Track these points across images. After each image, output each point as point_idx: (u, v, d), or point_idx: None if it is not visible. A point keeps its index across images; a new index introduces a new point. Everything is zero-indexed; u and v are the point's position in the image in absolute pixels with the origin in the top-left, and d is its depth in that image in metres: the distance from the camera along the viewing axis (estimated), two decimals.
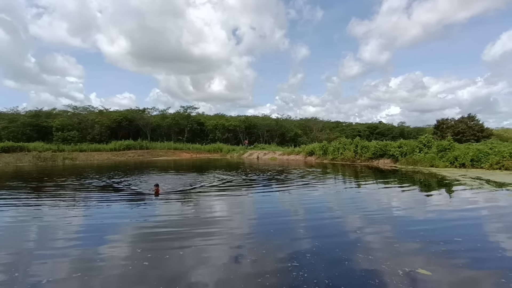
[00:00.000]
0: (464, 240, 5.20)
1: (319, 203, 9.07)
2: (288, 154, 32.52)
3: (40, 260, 4.54)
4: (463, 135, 40.42)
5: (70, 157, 31.95)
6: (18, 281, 3.76)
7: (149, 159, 34.63)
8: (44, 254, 4.78)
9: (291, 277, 3.80)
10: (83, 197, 10.02)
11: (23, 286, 3.62)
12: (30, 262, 4.43)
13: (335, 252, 4.71)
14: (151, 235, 5.82)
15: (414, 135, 55.72)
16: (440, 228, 6.10)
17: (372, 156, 23.92)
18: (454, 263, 4.23)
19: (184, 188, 11.32)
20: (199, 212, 7.73)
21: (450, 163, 18.91)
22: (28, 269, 4.15)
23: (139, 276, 3.86)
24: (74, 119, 44.10)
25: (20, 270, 4.10)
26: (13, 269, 4.12)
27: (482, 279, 3.80)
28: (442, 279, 3.76)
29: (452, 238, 5.28)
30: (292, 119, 62.01)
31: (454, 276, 3.86)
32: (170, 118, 50.32)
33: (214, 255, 4.67)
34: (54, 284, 3.69)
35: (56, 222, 6.87)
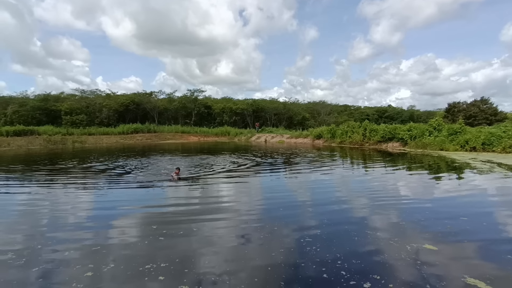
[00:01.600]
0: (469, 219, 5.26)
1: (327, 185, 9.14)
2: (296, 138, 32.46)
3: (58, 237, 4.73)
4: (475, 119, 39.61)
5: (79, 141, 32.44)
6: (36, 253, 3.95)
7: (157, 143, 34.95)
8: (62, 231, 4.99)
9: (304, 251, 3.90)
10: (97, 179, 10.23)
11: (47, 256, 3.80)
12: (47, 242, 4.60)
13: (344, 230, 4.79)
14: (166, 215, 5.97)
15: (424, 119, 54.86)
16: (446, 208, 6.15)
17: (381, 140, 23.72)
18: (459, 240, 4.32)
19: (198, 173, 11.47)
20: (211, 194, 7.86)
21: (461, 147, 18.66)
22: (45, 249, 4.34)
23: (156, 249, 4.01)
24: (82, 102, 44.49)
25: (36, 250, 4.30)
26: (29, 249, 4.30)
27: (485, 255, 3.86)
28: (447, 254, 3.86)
29: (458, 217, 5.35)
30: (300, 103, 61.55)
31: (458, 251, 3.96)
32: (177, 101, 50.37)
33: (229, 231, 4.80)
34: (73, 258, 3.85)
35: (72, 202, 7.10)
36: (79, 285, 3.08)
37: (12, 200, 7.37)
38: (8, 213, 6.08)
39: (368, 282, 3.08)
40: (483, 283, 3.04)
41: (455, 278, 3.18)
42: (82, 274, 3.31)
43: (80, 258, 3.77)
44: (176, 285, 3.06)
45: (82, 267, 3.47)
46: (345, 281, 3.09)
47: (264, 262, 3.61)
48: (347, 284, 3.03)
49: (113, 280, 3.24)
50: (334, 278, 3.16)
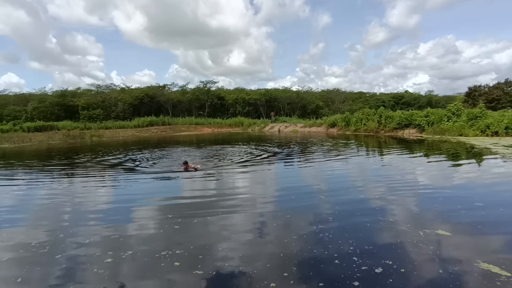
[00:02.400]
0: (485, 205, 5.15)
1: (341, 174, 9.10)
2: (310, 126, 32.20)
3: (78, 227, 4.97)
4: (498, 102, 38.10)
5: (97, 135, 33.26)
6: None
7: (171, 135, 35.45)
8: (82, 221, 5.24)
9: (316, 238, 3.95)
10: (115, 172, 10.53)
11: (69, 245, 4.01)
12: (68, 232, 4.83)
13: (356, 216, 4.81)
14: (182, 205, 6.12)
15: (443, 104, 53.21)
16: (462, 195, 6.06)
17: (397, 126, 23.25)
18: (473, 226, 4.25)
19: (212, 164, 11.62)
20: (226, 185, 7.98)
21: (481, 132, 18.08)
22: (66, 238, 4.56)
23: (171, 237, 4.16)
24: (98, 97, 45.49)
25: (58, 239, 4.53)
26: (52, 238, 4.54)
27: (500, 241, 3.81)
28: (461, 239, 3.83)
29: (473, 204, 5.25)
30: (313, 91, 60.70)
31: (472, 237, 3.91)
32: (190, 93, 50.71)
33: (242, 219, 4.90)
34: (93, 246, 4.04)
35: (91, 194, 7.41)
36: (100, 270, 3.23)
37: (34, 194, 7.71)
38: (31, 206, 6.37)
39: (380, 267, 3.09)
40: (497, 268, 3.00)
41: (469, 263, 3.15)
42: (102, 260, 3.47)
43: (100, 246, 3.94)
44: (191, 271, 3.16)
45: (102, 254, 3.63)
46: (356, 267, 3.11)
47: (276, 249, 3.67)
48: (358, 269, 3.05)
49: (131, 265, 3.38)
50: (345, 264, 3.19)
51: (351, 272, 3.00)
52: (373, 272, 3.00)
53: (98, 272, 3.21)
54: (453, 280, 2.82)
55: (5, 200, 6.90)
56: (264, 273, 3.10)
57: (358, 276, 2.92)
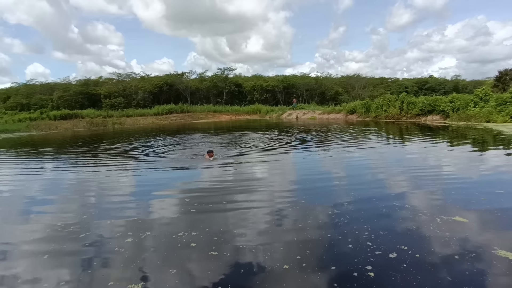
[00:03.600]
0: (506, 192, 5.01)
1: (360, 161, 8.98)
2: (328, 113, 31.69)
3: (101, 210, 5.24)
4: None
5: (118, 122, 34.22)
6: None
7: (190, 122, 35.93)
8: (105, 205, 5.53)
9: (332, 223, 3.96)
10: (136, 159, 10.86)
11: (92, 226, 4.22)
12: (91, 214, 5.11)
13: (373, 202, 4.77)
14: (198, 191, 6.27)
15: (470, 89, 50.73)
16: (484, 181, 5.94)
17: (420, 113, 22.45)
18: (491, 213, 4.14)
19: (230, 151, 11.74)
20: (244, 171, 8.08)
21: (511, 118, 17.17)
22: (90, 219, 4.83)
23: (188, 220, 4.30)
24: (119, 86, 46.54)
25: (82, 220, 4.80)
26: (76, 219, 4.78)
27: None
28: (478, 226, 3.78)
29: (494, 191, 5.12)
30: (332, 77, 59.37)
31: (490, 224, 3.83)
32: (208, 81, 50.87)
33: (258, 205, 5.00)
34: (114, 227, 4.23)
35: (113, 180, 7.76)
36: (121, 249, 3.40)
37: (62, 178, 8.10)
38: (59, 190, 6.72)
39: (395, 252, 3.07)
40: None
41: (485, 250, 3.08)
42: (123, 240, 3.64)
43: (121, 227, 4.12)
44: (206, 251, 3.27)
45: (123, 235, 3.80)
46: (370, 251, 3.11)
47: (291, 233, 3.71)
48: (372, 254, 3.05)
49: (150, 245, 3.53)
50: (359, 249, 3.19)
51: (364, 257, 3.00)
52: (387, 257, 2.98)
53: (119, 251, 3.37)
54: (469, 267, 2.77)
55: (33, 184, 7.31)
56: (277, 255, 3.15)
57: (371, 260, 2.92)
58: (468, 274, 2.67)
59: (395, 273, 2.69)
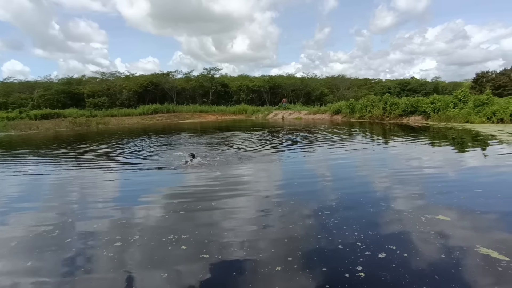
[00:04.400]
0: (484, 191, 5.23)
1: (345, 161, 9.12)
2: (314, 114, 32.04)
3: (86, 213, 5.09)
4: (504, 89, 37.53)
5: (102, 122, 33.46)
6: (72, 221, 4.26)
7: (176, 122, 35.54)
8: (90, 208, 5.37)
9: (321, 224, 4.01)
10: (122, 160, 10.64)
11: (78, 229, 4.13)
12: (77, 217, 4.97)
13: (360, 202, 4.86)
14: (187, 193, 6.22)
15: (450, 90, 52.40)
16: (463, 180, 6.18)
17: (402, 113, 23.05)
18: (472, 211, 4.32)
19: (217, 152, 11.67)
20: (230, 172, 8.04)
21: (487, 119, 17.89)
22: (75, 223, 4.70)
23: (177, 222, 4.26)
24: (103, 85, 45.60)
25: (67, 224, 4.66)
26: (61, 223, 4.66)
27: (498, 226, 3.86)
28: (460, 224, 3.92)
29: (473, 189, 5.34)
30: (318, 78, 60.11)
31: (471, 222, 3.98)
32: (194, 80, 50.55)
33: (247, 206, 4.99)
34: (101, 231, 4.14)
35: (99, 182, 7.57)
36: (109, 254, 3.33)
37: (43, 180, 7.86)
38: (40, 192, 6.51)
39: (384, 252, 3.14)
40: (496, 253, 3.04)
41: (468, 248, 3.20)
42: (111, 244, 3.57)
43: (108, 231, 4.04)
44: (197, 254, 3.25)
45: (110, 239, 3.73)
46: (360, 252, 3.17)
47: (281, 234, 3.73)
48: (361, 254, 3.11)
49: (139, 249, 3.47)
50: (349, 249, 3.25)
51: (354, 257, 3.06)
52: (377, 257, 3.05)
53: (107, 256, 3.31)
54: (454, 265, 2.87)
55: (13, 186, 7.06)
56: (269, 257, 3.17)
57: (361, 261, 2.98)
58: (454, 272, 2.77)
59: (385, 273, 2.76)
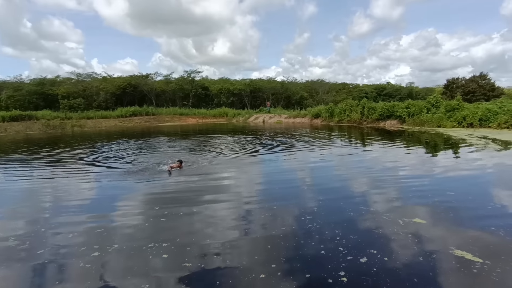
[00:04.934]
0: (456, 193, 5.52)
1: (325, 164, 9.28)
2: (294, 117, 32.39)
3: (61, 221, 4.87)
4: (473, 95, 39.47)
5: (78, 125, 32.29)
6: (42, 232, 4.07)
7: (156, 125, 34.87)
8: (64, 215, 5.14)
9: (303, 229, 4.04)
10: (99, 165, 10.28)
11: (52, 239, 3.93)
12: (50, 226, 4.74)
13: (341, 206, 4.96)
14: (167, 199, 6.09)
15: (423, 95, 54.45)
16: (436, 184, 6.43)
17: (379, 118, 23.75)
18: (446, 213, 4.54)
19: (198, 157, 11.51)
20: (211, 177, 7.97)
21: (458, 123, 18.76)
22: (49, 232, 4.48)
23: (158, 230, 4.16)
24: (78, 86, 43.93)
25: (40, 234, 4.45)
26: (33, 233, 4.44)
27: (470, 227, 4.04)
28: (435, 227, 4.08)
29: (445, 192, 5.61)
30: (298, 82, 60.83)
31: (445, 225, 4.15)
32: (174, 83, 49.82)
33: (229, 212, 4.95)
34: (77, 241, 3.98)
35: (74, 188, 7.26)
36: (87, 265, 3.21)
37: (11, 187, 7.47)
38: (7, 201, 6.18)
39: (365, 256, 3.20)
40: (470, 255, 3.18)
41: (444, 251, 3.34)
42: (89, 254, 3.43)
43: (85, 240, 3.89)
44: (179, 263, 3.19)
45: (88, 248, 3.59)
46: (342, 257, 3.22)
47: (264, 240, 3.73)
48: (344, 259, 3.16)
49: (118, 258, 3.37)
50: (331, 254, 3.29)
51: (337, 262, 3.10)
52: (358, 261, 3.11)
53: (84, 267, 3.18)
54: (432, 268, 2.97)
55: None
56: (253, 264, 3.16)
57: (343, 266, 3.03)
58: (432, 275, 2.87)
59: (367, 277, 2.82)
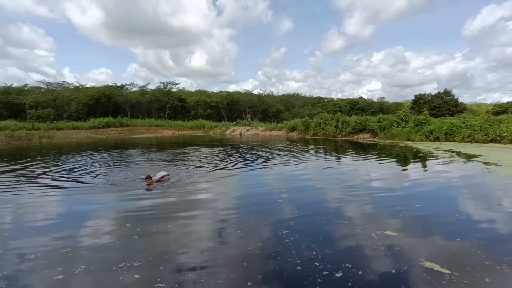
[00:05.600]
0: (424, 206, 5.74)
1: (300, 177, 9.38)
2: (271, 130, 32.72)
3: (22, 241, 4.54)
4: (438, 110, 41.93)
5: (46, 136, 30.80)
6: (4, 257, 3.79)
7: (130, 137, 33.95)
8: (26, 235, 4.81)
9: (279, 244, 4.04)
10: (66, 178, 9.80)
11: (11, 261, 3.68)
12: (9, 247, 4.44)
13: (316, 220, 5.00)
14: (139, 215, 5.88)
15: (393, 110, 56.93)
16: (405, 196, 6.71)
17: (353, 131, 24.52)
18: (415, 225, 4.72)
19: (174, 170, 11.28)
20: (186, 191, 7.81)
21: (426, 137, 19.73)
22: (8, 254, 4.19)
23: (129, 248, 3.99)
24: (48, 95, 42.13)
25: (3, 249, 4.14)
26: None
27: (437, 240, 4.20)
28: (405, 239, 4.19)
29: (414, 205, 5.83)
30: (274, 95, 61.91)
31: (414, 237, 4.28)
32: (150, 94, 49.09)
33: (204, 227, 4.84)
34: (40, 262, 3.74)
35: (37, 205, 6.83)
36: None
37: None
38: None
39: (340, 271, 3.23)
40: (438, 266, 3.31)
41: (414, 263, 3.44)
42: (52, 278, 3.22)
43: (48, 262, 3.64)
44: (152, 283, 3.06)
45: (51, 271, 3.37)
46: (318, 272, 3.23)
47: (241, 257, 3.68)
48: (319, 275, 3.17)
49: (85, 281, 3.19)
50: (307, 270, 3.29)
51: (313, 278, 3.11)
52: (334, 276, 3.14)
53: None
54: (404, 281, 3.05)
55: None
56: (229, 283, 3.09)
57: (319, 281, 3.04)
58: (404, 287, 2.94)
59: None
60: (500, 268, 3.31)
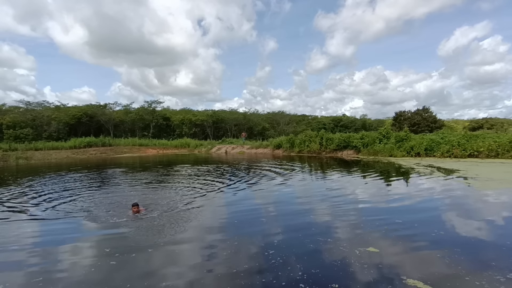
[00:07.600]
0: (403, 222, 5.93)
1: (285, 196, 9.44)
2: (256, 148, 32.86)
3: None
4: (418, 126, 43.31)
5: (24, 157, 29.78)
6: None
7: (112, 156, 33.27)
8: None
9: (266, 265, 4.06)
10: (38, 202, 9.50)
11: None
12: None
13: (300, 238, 5.07)
14: (118, 239, 5.74)
15: (375, 127, 58.58)
16: (386, 212, 6.87)
17: (337, 148, 24.98)
18: (395, 242, 4.88)
19: (157, 194, 11.10)
20: (169, 210, 7.71)
21: (407, 153, 20.32)
22: None
23: (107, 274, 3.89)
24: (27, 115, 41.08)
25: None
26: None
27: (417, 256, 4.34)
28: (387, 255, 4.31)
29: (394, 220, 6.01)
30: (259, 113, 62.61)
31: (396, 253, 4.43)
32: (134, 113, 48.66)
33: (188, 250, 4.80)
34: None
35: (9, 231, 6.54)
36: None
37: None
38: None
39: None
40: (421, 283, 3.40)
41: (398, 280, 3.53)
42: None
43: None
44: None
45: None
46: None
47: (226, 280, 3.67)
48: None
49: None
50: None
51: None
52: None
53: None
54: None
55: None
56: None
57: None
58: None
59: None
60: (481, 284, 3.42)
